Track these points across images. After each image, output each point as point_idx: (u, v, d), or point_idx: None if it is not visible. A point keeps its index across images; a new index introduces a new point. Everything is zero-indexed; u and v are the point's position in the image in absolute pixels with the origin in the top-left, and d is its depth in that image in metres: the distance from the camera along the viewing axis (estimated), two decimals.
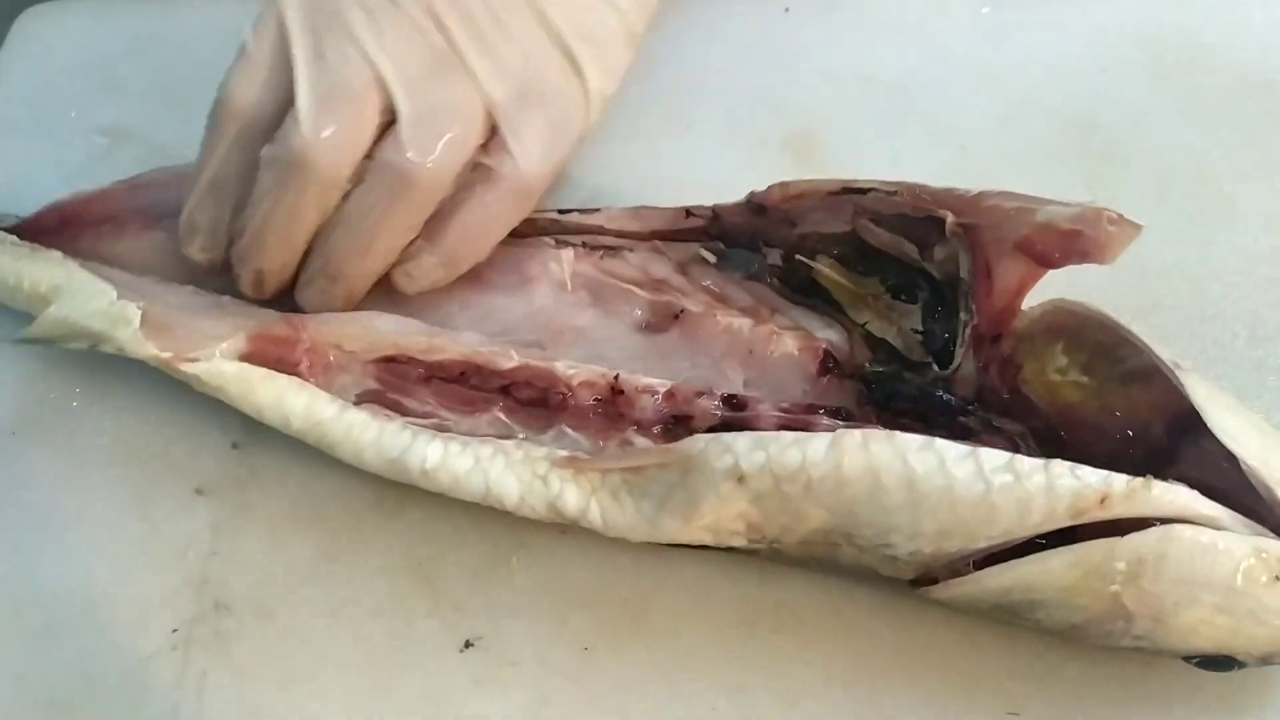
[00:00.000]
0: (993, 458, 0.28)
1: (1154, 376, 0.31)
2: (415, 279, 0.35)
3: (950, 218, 0.31)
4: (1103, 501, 0.27)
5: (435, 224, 0.34)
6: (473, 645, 0.33)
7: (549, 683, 0.32)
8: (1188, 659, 0.29)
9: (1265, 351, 0.37)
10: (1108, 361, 0.32)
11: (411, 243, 0.35)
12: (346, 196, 0.34)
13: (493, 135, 0.34)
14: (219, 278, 0.37)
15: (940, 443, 0.28)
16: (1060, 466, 0.28)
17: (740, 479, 0.29)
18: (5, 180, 0.43)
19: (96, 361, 0.38)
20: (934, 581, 0.30)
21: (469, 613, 0.34)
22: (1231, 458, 0.28)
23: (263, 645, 0.33)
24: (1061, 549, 0.28)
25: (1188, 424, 0.29)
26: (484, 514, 0.35)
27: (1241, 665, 0.29)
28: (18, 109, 0.45)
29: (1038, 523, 0.28)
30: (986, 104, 0.44)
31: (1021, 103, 0.44)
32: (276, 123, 0.33)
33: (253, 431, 0.37)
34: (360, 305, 0.36)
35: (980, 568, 0.29)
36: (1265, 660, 0.29)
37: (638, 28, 0.37)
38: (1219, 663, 0.29)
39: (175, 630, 0.33)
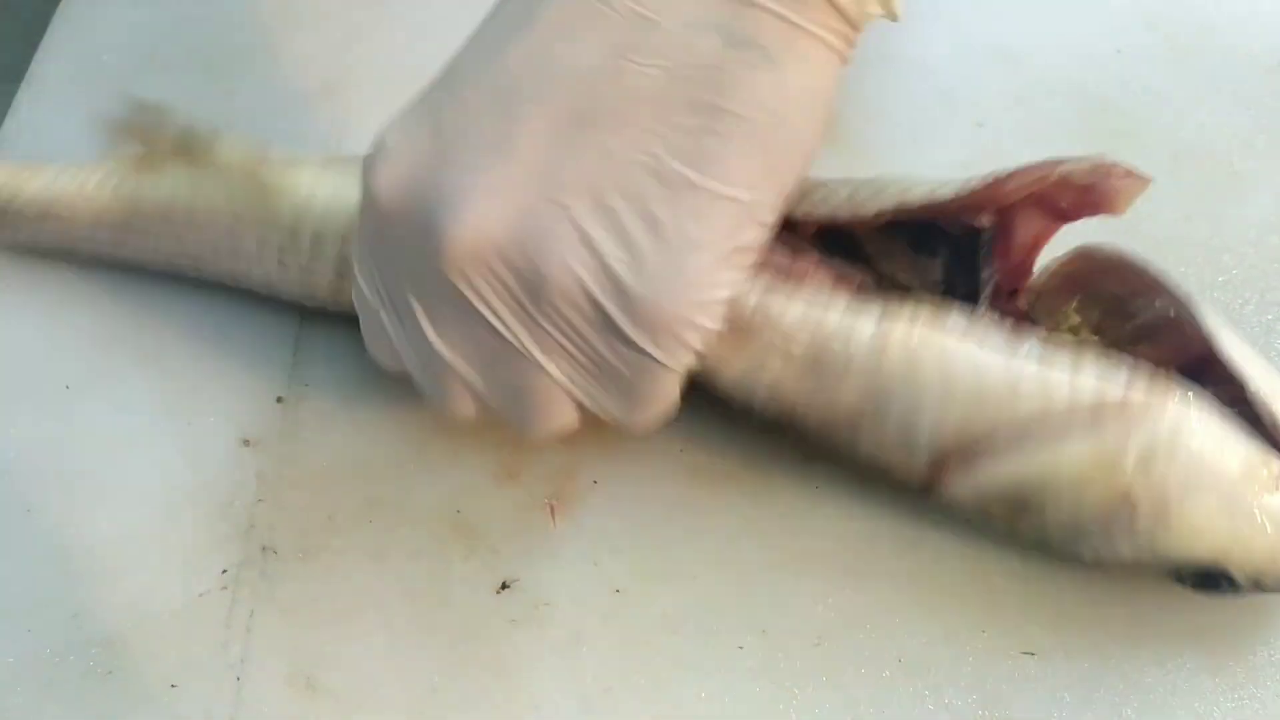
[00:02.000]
0: (1027, 345, 0.30)
1: (1162, 331, 0.32)
2: None
3: (986, 221, 0.33)
4: (1126, 393, 0.29)
5: None
6: (509, 587, 0.34)
7: (582, 622, 0.34)
8: (1181, 580, 0.31)
9: (1274, 316, 0.39)
10: (1119, 319, 0.33)
11: None
12: None
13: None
14: None
15: (981, 327, 0.31)
16: (1090, 363, 0.30)
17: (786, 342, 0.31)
18: (52, 152, 0.44)
19: (148, 323, 0.40)
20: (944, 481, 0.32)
21: (505, 557, 0.35)
22: (1239, 391, 0.29)
23: (307, 586, 0.35)
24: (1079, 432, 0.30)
25: (1194, 371, 0.31)
26: (521, 467, 0.37)
27: (1235, 587, 0.30)
28: (64, 85, 0.47)
29: (1061, 411, 0.29)
30: (1004, 83, 0.45)
31: (1038, 82, 0.45)
32: None
33: (296, 387, 0.38)
34: None
35: None
36: (1257, 583, 0.30)
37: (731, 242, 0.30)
38: (1212, 580, 0.30)
39: (224, 571, 0.35)
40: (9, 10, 0.51)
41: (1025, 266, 0.33)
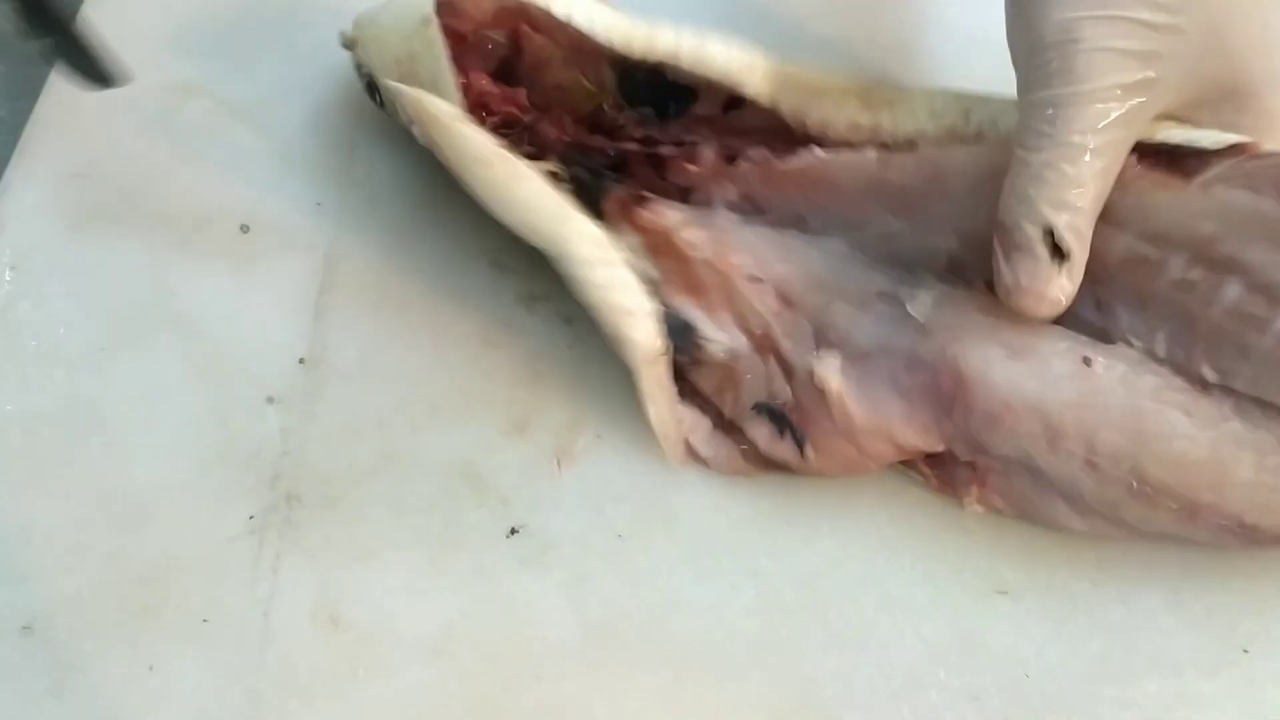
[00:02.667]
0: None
1: None
2: None
3: None
4: None
5: None
6: (518, 532, 0.37)
7: (585, 564, 0.36)
8: None
9: None
10: None
11: None
12: None
13: None
14: None
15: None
16: None
17: None
18: (85, 133, 0.47)
19: (178, 290, 0.42)
20: None
21: (515, 505, 0.37)
22: None
23: (330, 531, 0.37)
24: None
25: None
26: (529, 421, 0.39)
27: None
28: None
29: None
30: (981, 69, 0.48)
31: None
32: None
33: (318, 348, 0.41)
34: None
35: None
36: None
37: None
38: None
39: (251, 518, 0.37)
40: None
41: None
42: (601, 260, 0.37)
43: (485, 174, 0.38)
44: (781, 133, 0.40)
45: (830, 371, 0.36)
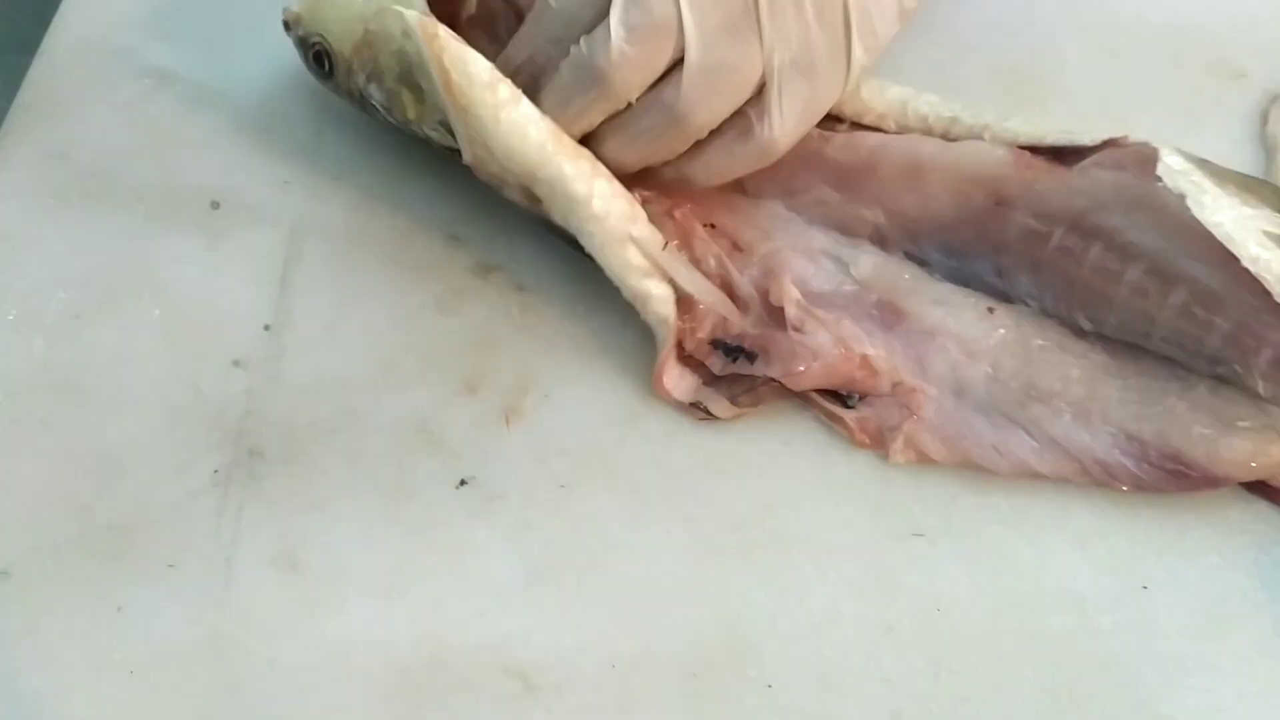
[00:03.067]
0: None
1: None
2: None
3: None
4: None
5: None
6: (466, 483, 0.39)
7: (530, 512, 0.38)
8: None
9: None
10: None
11: None
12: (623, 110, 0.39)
13: (758, 94, 0.38)
14: None
15: None
16: None
17: None
18: (64, 117, 0.49)
19: (151, 262, 0.45)
20: None
21: (464, 459, 0.40)
22: None
23: (290, 483, 0.39)
24: None
25: None
26: (480, 382, 0.41)
27: None
28: (75, 56, 0.51)
29: None
30: (925, 51, 0.50)
31: (956, 51, 0.50)
32: (588, 28, 0.38)
33: (283, 315, 0.43)
34: None
35: None
36: None
37: (910, 3, 0.39)
38: None
39: (216, 471, 0.40)
40: None
41: None
42: (594, 175, 0.39)
43: (490, 99, 0.39)
44: None
45: (787, 284, 0.40)
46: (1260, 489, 0.37)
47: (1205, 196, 0.36)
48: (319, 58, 0.44)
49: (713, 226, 0.42)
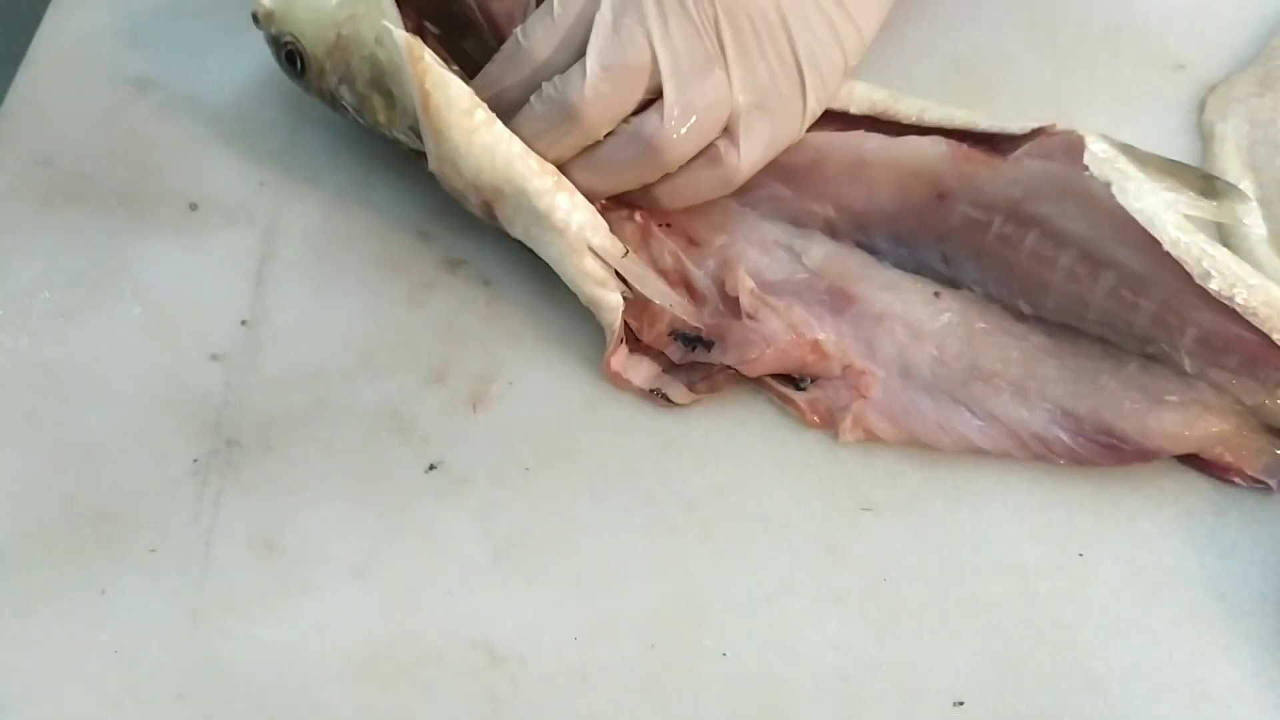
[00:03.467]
0: None
1: None
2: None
3: None
4: None
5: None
6: (435, 468, 0.41)
7: (496, 494, 0.40)
8: None
9: None
10: None
11: None
12: (598, 143, 0.41)
13: (726, 130, 0.41)
14: None
15: None
16: None
17: None
18: (49, 125, 0.51)
19: (132, 262, 0.46)
20: None
21: (433, 444, 0.41)
22: None
23: (266, 470, 0.41)
24: None
25: None
26: (448, 371, 0.43)
27: None
28: (57, 66, 0.53)
29: None
30: (878, 51, 0.52)
31: (908, 51, 0.52)
32: (561, 69, 0.40)
33: (259, 311, 0.45)
34: None
35: None
36: None
37: (852, 61, 0.42)
38: None
39: (196, 460, 0.41)
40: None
41: None
42: (556, 189, 0.41)
43: (466, 123, 0.41)
44: None
45: (742, 274, 0.42)
46: (1191, 460, 0.39)
47: (1129, 183, 0.38)
48: (291, 57, 0.46)
49: (668, 225, 0.44)
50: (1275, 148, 0.45)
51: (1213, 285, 0.37)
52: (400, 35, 0.41)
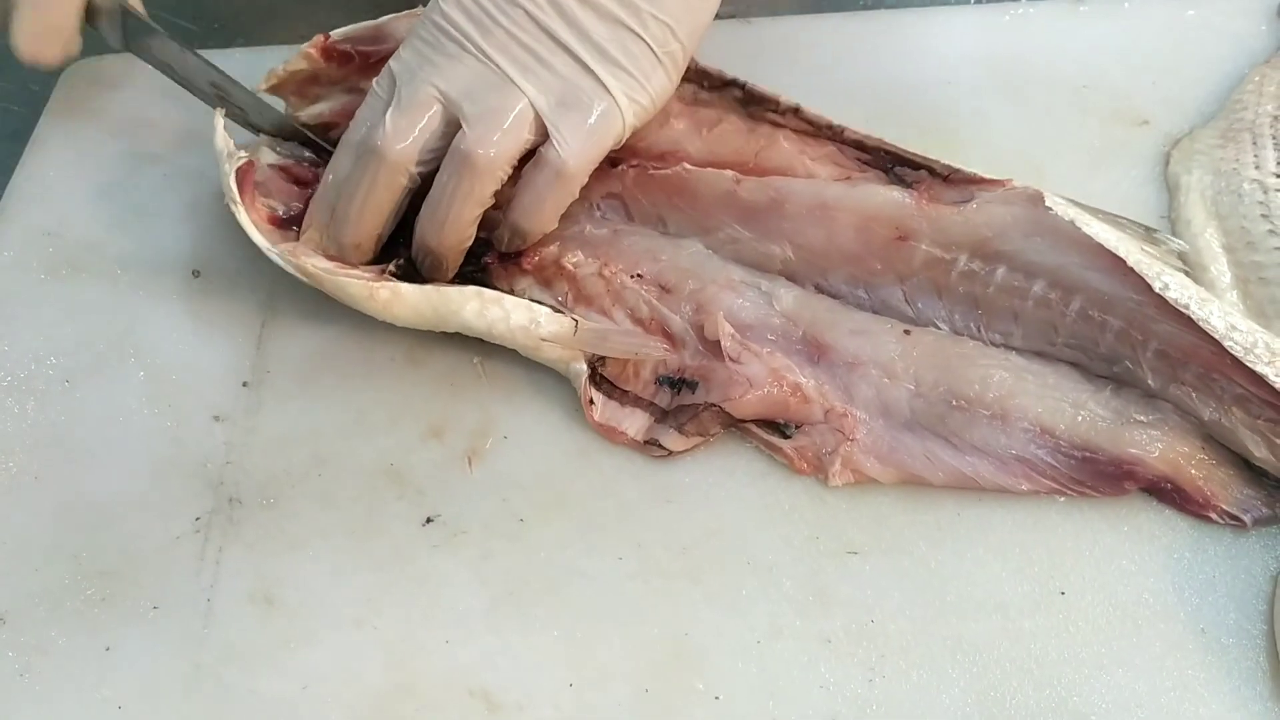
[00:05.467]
0: None
1: None
2: (502, 244, 0.46)
3: None
4: None
5: (505, 202, 0.45)
6: (432, 520, 0.42)
7: (491, 544, 0.41)
8: None
9: None
10: None
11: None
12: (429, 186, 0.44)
13: (545, 137, 0.43)
14: None
15: None
16: None
17: None
18: (55, 197, 0.52)
19: (136, 327, 0.48)
20: None
21: (430, 497, 0.42)
22: None
23: (267, 527, 0.42)
24: None
25: None
26: (444, 427, 0.44)
27: None
28: (64, 142, 0.55)
29: None
30: (859, 111, 0.54)
31: (885, 109, 0.54)
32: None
33: (259, 373, 0.46)
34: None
35: None
36: None
37: (672, 47, 0.44)
38: None
39: (198, 519, 0.42)
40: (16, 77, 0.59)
41: None
42: (483, 307, 0.43)
43: (373, 305, 0.44)
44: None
45: (721, 320, 0.43)
46: (1168, 497, 0.40)
47: (1092, 223, 0.40)
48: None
49: (640, 276, 0.45)
50: (1238, 197, 0.47)
51: (1171, 295, 0.39)
52: (282, 250, 0.45)
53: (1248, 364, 0.38)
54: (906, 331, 0.43)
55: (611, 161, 0.46)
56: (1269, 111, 0.50)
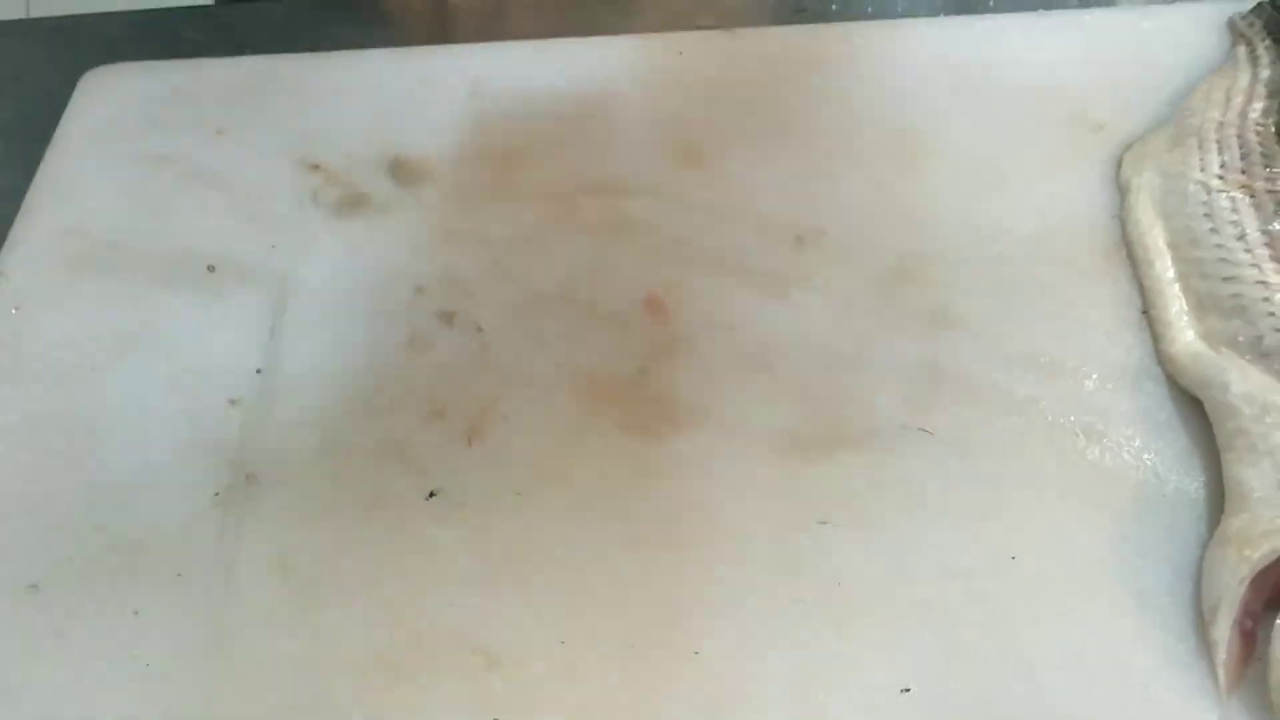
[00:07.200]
0: None
1: None
2: None
3: None
4: None
5: None
6: (435, 495, 0.45)
7: (490, 517, 0.44)
8: None
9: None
10: None
11: None
12: None
13: None
14: None
15: None
16: None
17: None
18: (76, 197, 0.56)
19: (155, 319, 0.51)
20: None
21: (432, 474, 0.46)
22: None
23: (282, 501, 0.45)
24: None
25: None
26: (447, 410, 0.48)
27: None
28: (85, 143, 0.58)
29: None
30: (835, 118, 0.57)
31: (853, 120, 0.57)
32: None
33: (273, 360, 0.49)
34: None
35: None
36: None
37: None
38: None
39: (217, 494, 0.46)
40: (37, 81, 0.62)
41: None
42: None
43: None
44: None
45: None
46: None
47: None
48: None
49: None
50: (1183, 197, 0.50)
51: None
52: None
53: None
54: None
55: None
56: (1214, 118, 0.54)
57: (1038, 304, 0.49)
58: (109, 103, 0.59)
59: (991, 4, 0.64)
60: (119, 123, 0.58)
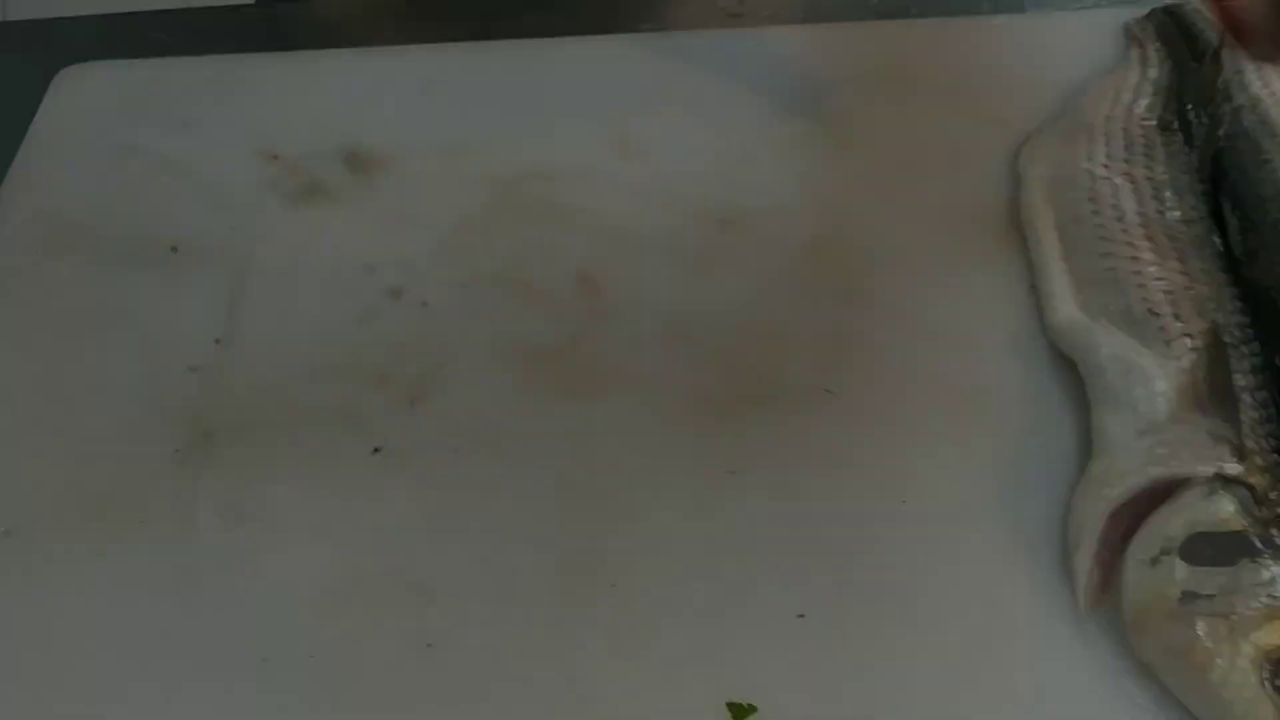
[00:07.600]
0: None
1: None
2: None
3: None
4: None
5: None
6: (379, 450, 0.49)
7: (428, 471, 0.48)
8: None
9: None
10: None
11: None
12: None
13: None
14: None
15: None
16: None
17: None
18: (51, 183, 0.59)
19: (121, 295, 0.55)
20: None
21: (377, 431, 0.50)
22: None
23: (238, 456, 0.49)
24: None
25: None
26: (392, 376, 0.52)
27: None
28: (58, 134, 0.62)
29: None
30: (766, 110, 0.62)
31: (789, 111, 0.62)
32: None
33: (231, 331, 0.53)
34: None
35: None
36: None
37: None
38: None
39: (177, 450, 0.49)
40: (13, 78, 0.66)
41: None
42: None
43: None
44: None
45: None
46: None
47: None
48: None
49: None
50: (1071, 183, 0.55)
51: None
52: None
53: None
54: None
55: None
56: (1104, 112, 0.59)
57: (939, 282, 0.54)
58: (81, 98, 0.63)
59: (913, 11, 0.69)
60: (90, 116, 0.62)
